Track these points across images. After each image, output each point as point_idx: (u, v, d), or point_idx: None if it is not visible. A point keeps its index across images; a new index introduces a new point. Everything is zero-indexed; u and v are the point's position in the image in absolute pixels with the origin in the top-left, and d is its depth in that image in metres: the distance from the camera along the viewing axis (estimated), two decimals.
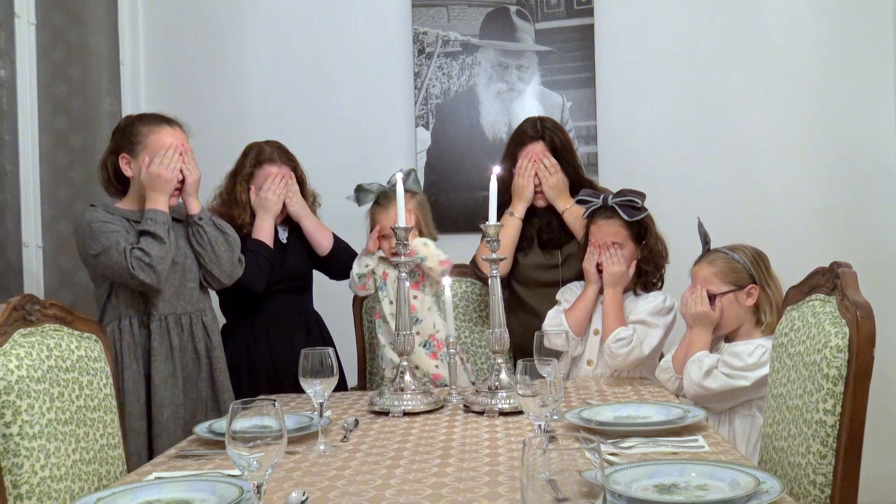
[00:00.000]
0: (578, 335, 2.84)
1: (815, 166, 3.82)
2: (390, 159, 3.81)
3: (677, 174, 3.84)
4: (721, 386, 2.49)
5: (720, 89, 3.84)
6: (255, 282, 2.98)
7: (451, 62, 3.88)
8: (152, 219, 2.63)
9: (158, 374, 2.64)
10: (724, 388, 2.49)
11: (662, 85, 3.86)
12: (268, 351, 3.07)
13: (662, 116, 3.86)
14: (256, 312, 3.09)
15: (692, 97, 3.85)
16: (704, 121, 3.84)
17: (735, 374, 2.49)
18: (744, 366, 2.48)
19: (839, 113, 3.80)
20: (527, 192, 3.08)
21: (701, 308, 2.61)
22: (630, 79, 3.86)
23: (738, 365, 2.49)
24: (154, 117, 2.75)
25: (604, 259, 2.81)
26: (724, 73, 3.84)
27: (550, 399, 1.76)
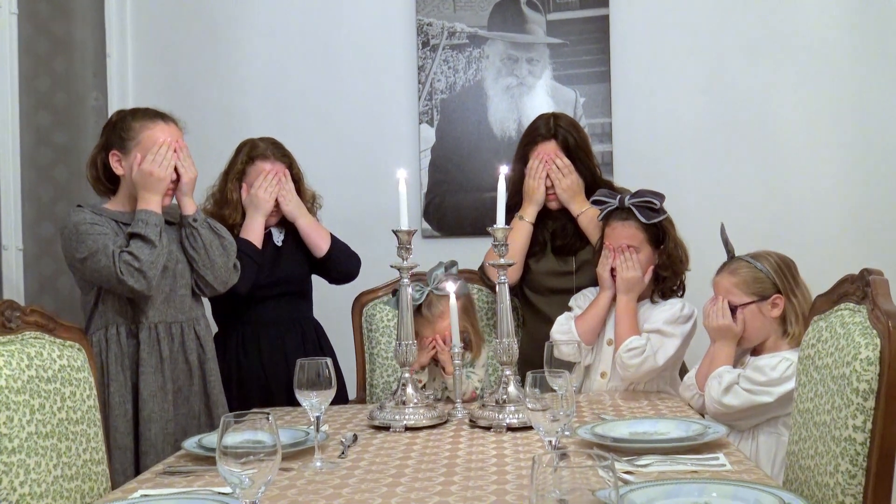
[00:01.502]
0: (588, 344, 2.83)
1: (847, 168, 3.80)
2: (392, 158, 3.82)
3: (699, 176, 3.83)
4: (742, 403, 2.49)
5: (745, 85, 3.83)
6: (239, 284, 2.97)
7: (458, 55, 3.88)
8: (143, 220, 2.62)
9: (147, 386, 2.64)
10: (745, 404, 2.49)
11: (683, 80, 3.85)
12: (258, 361, 3.06)
13: (683, 114, 3.85)
14: (248, 319, 3.10)
15: (715, 93, 3.84)
16: (728, 119, 3.83)
17: (757, 389, 2.48)
18: (767, 381, 2.48)
19: (873, 112, 3.77)
20: (537, 195, 3.08)
21: (722, 321, 2.60)
22: (648, 73, 3.86)
23: (761, 380, 2.48)
24: (147, 112, 2.75)
25: (617, 263, 2.80)
26: (749, 68, 3.83)
27: (562, 413, 1.76)
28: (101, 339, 2.65)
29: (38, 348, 2.03)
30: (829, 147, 3.81)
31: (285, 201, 3.12)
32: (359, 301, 3.32)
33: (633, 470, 1.85)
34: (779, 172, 3.82)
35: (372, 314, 3.28)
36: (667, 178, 3.67)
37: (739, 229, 2.81)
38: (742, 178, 3.82)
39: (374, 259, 3.24)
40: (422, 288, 2.81)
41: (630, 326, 2.77)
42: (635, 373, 2.73)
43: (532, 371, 1.81)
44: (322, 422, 2.09)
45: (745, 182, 3.82)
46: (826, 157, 3.81)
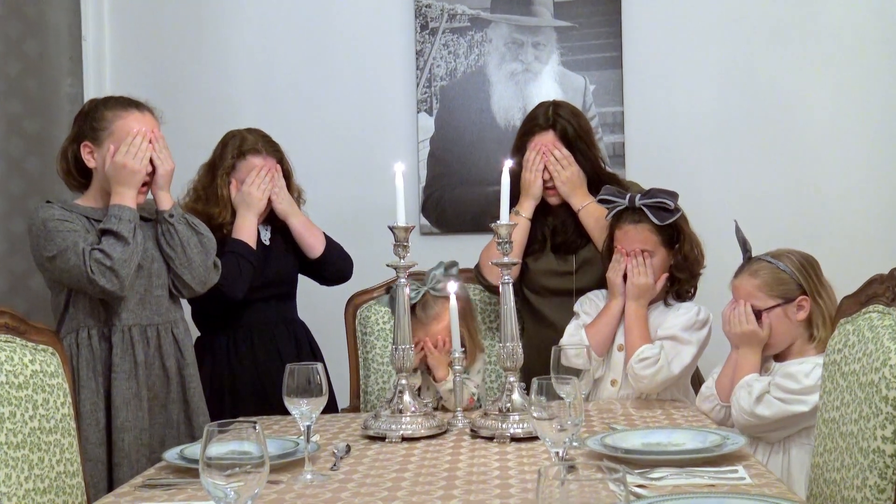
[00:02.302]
0: (601, 355, 2.83)
1: (875, 161, 3.79)
2: (388, 149, 3.82)
3: (717, 170, 3.83)
4: (775, 413, 2.48)
5: (768, 72, 3.82)
6: (236, 288, 2.98)
7: (459, 39, 3.88)
8: (116, 216, 2.62)
9: (120, 394, 2.64)
10: (779, 415, 2.48)
11: (701, 66, 3.85)
12: (253, 366, 3.07)
13: (700, 103, 3.85)
14: (236, 323, 3.10)
15: (735, 81, 3.84)
16: (750, 109, 3.83)
17: (791, 398, 2.47)
18: (801, 388, 2.47)
19: None
20: (534, 189, 3.07)
21: (747, 326, 2.60)
22: (663, 59, 3.86)
23: (794, 388, 2.47)
24: (121, 101, 2.76)
25: (629, 268, 2.79)
26: (772, 54, 3.82)
27: (569, 423, 1.76)
28: (72, 343, 2.65)
29: (8, 352, 2.03)
30: (856, 139, 3.81)
31: (278, 199, 3.12)
32: (352, 302, 3.32)
33: (645, 483, 1.85)
34: (803, 166, 3.81)
35: (366, 316, 3.28)
36: (682, 172, 3.68)
37: (760, 227, 2.82)
38: (764, 172, 3.82)
39: (368, 258, 3.23)
40: (418, 287, 2.82)
41: (641, 334, 2.77)
42: (649, 384, 2.73)
43: (538, 377, 1.81)
44: (313, 431, 2.09)
45: (767, 177, 3.82)
46: (854, 149, 3.81)
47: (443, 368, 2.83)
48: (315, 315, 3.32)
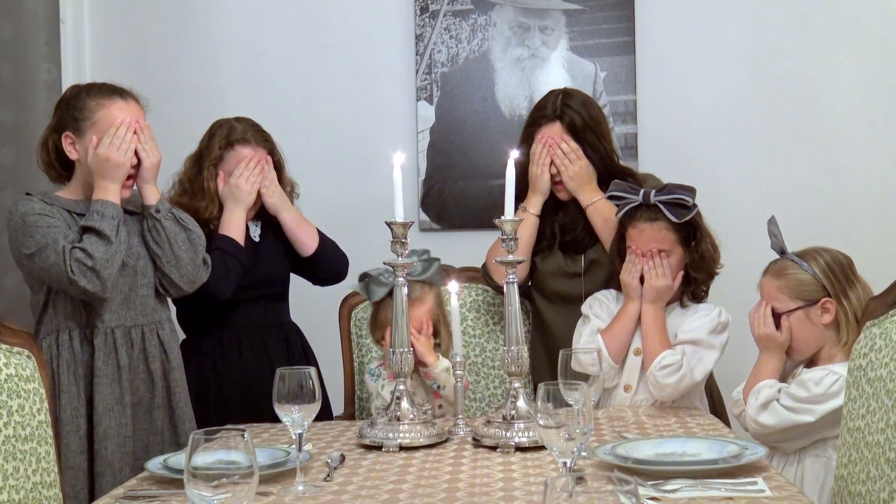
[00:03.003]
0: (618, 362, 2.82)
1: None
2: (386, 140, 3.82)
3: (738, 163, 3.82)
4: (779, 422, 2.49)
5: (793, 58, 3.81)
6: (223, 287, 2.97)
7: (461, 23, 3.88)
8: (98, 212, 2.62)
9: (102, 399, 2.64)
10: (782, 424, 2.49)
11: (719, 52, 3.84)
12: (240, 371, 3.07)
13: (719, 91, 3.84)
14: (223, 325, 3.10)
15: (757, 67, 3.83)
16: (772, 97, 3.82)
17: (798, 406, 2.48)
18: (808, 397, 2.48)
19: None
20: (541, 184, 3.07)
21: (764, 329, 2.61)
22: (679, 44, 3.85)
23: (802, 396, 2.48)
24: (104, 88, 2.76)
25: (646, 270, 2.79)
26: (798, 38, 3.81)
27: (578, 431, 1.76)
28: (52, 345, 2.65)
29: None
30: (887, 129, 3.80)
31: (268, 193, 3.12)
32: (347, 303, 3.32)
33: (659, 496, 1.85)
34: (830, 159, 3.81)
35: (362, 318, 3.29)
36: (700, 165, 3.68)
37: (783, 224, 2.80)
38: (787, 165, 3.81)
39: (364, 255, 3.23)
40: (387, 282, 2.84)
41: (660, 339, 2.77)
42: (673, 392, 2.73)
43: (545, 383, 1.81)
44: (305, 440, 2.09)
45: (791, 170, 3.81)
46: (884, 140, 3.80)
47: (430, 353, 2.83)
48: (308, 317, 3.32)
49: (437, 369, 2.81)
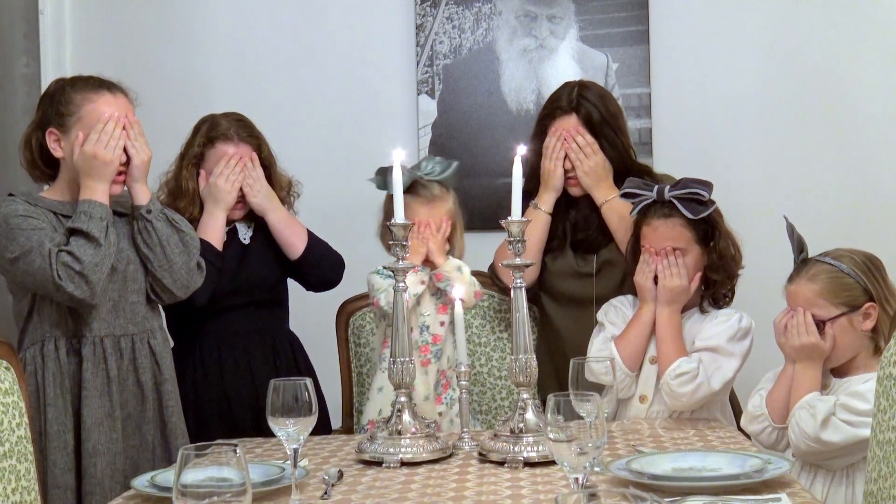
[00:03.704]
0: (633, 370, 2.82)
1: None
2: (385, 136, 3.81)
3: (758, 158, 3.82)
4: (844, 438, 2.44)
5: (817, 47, 3.80)
6: (197, 293, 2.96)
7: (464, 12, 3.89)
8: (86, 213, 2.62)
9: (91, 413, 2.63)
10: (849, 440, 2.44)
11: (739, 41, 3.84)
12: (219, 381, 3.07)
13: (738, 83, 3.84)
14: (203, 333, 3.11)
15: (779, 58, 3.82)
16: (795, 89, 3.81)
17: (859, 420, 2.42)
18: (870, 409, 2.44)
19: None
20: (554, 179, 3.09)
21: (808, 338, 2.57)
22: (696, 33, 3.85)
23: (863, 408, 2.43)
24: (91, 81, 2.75)
25: (659, 269, 2.79)
26: (822, 26, 3.80)
27: (590, 445, 1.76)
28: (37, 356, 2.65)
29: None
30: None
31: (252, 192, 3.12)
32: (344, 310, 3.32)
33: None
34: (856, 155, 3.80)
35: (360, 326, 3.29)
36: (718, 162, 3.67)
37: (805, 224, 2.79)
38: (811, 161, 3.81)
39: (362, 259, 3.24)
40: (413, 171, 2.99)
41: (676, 346, 2.77)
42: (688, 401, 2.73)
43: (555, 394, 1.82)
44: (300, 455, 2.09)
45: (815, 167, 3.80)
46: None
47: (441, 254, 2.95)
48: (303, 324, 3.32)
49: (448, 266, 2.92)
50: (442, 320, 2.96)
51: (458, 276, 2.91)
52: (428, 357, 2.93)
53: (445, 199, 3.01)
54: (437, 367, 2.93)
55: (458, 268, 2.93)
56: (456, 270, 2.93)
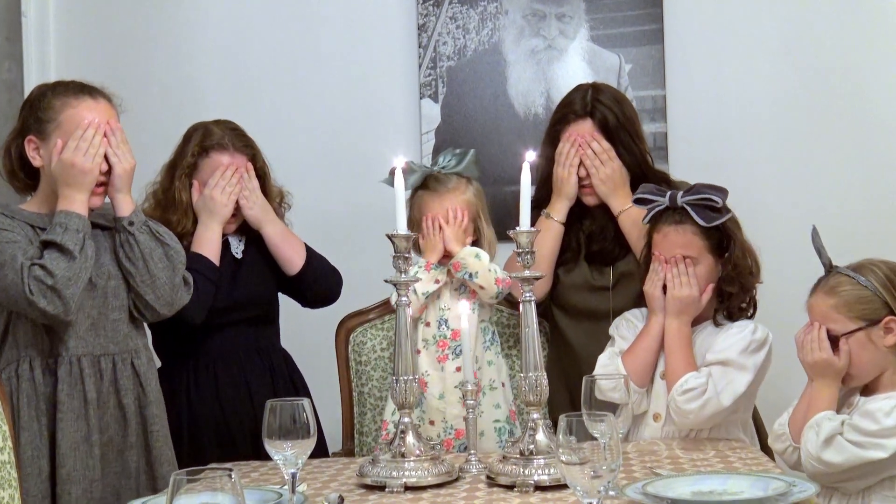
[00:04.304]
0: (642, 386, 2.82)
1: None
2: (386, 143, 3.81)
3: (778, 164, 3.81)
4: (847, 459, 2.45)
5: (839, 47, 3.80)
6: (194, 311, 2.96)
7: (469, 11, 3.89)
8: (62, 224, 2.62)
9: (66, 437, 2.63)
10: (851, 461, 2.45)
11: (757, 41, 3.84)
12: (216, 401, 3.07)
13: (757, 85, 3.84)
14: (197, 352, 3.10)
15: (799, 58, 3.82)
16: (817, 91, 3.81)
17: (867, 441, 2.44)
18: (879, 430, 2.45)
19: None
20: (568, 187, 3.09)
21: (820, 354, 2.58)
22: (712, 32, 3.85)
23: (871, 429, 2.45)
24: (71, 86, 2.76)
25: (668, 278, 2.79)
26: (845, 25, 3.80)
27: (605, 468, 1.76)
28: (12, 376, 2.65)
29: None
30: None
31: (248, 204, 3.12)
32: (344, 326, 3.32)
33: None
34: (882, 161, 3.79)
35: (361, 342, 3.29)
36: (736, 167, 3.67)
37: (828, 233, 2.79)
38: (834, 167, 3.80)
39: (361, 272, 3.24)
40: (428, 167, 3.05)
41: (684, 359, 2.77)
42: (696, 419, 2.72)
43: (567, 414, 1.81)
44: (299, 480, 2.09)
45: (838, 173, 3.80)
46: None
47: (456, 242, 2.98)
48: (300, 342, 3.32)
49: (464, 253, 2.93)
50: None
51: (475, 262, 2.93)
52: (446, 353, 2.95)
53: (461, 189, 3.03)
54: (455, 363, 2.93)
55: (476, 255, 2.95)
56: (473, 257, 2.95)
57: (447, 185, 3.03)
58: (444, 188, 3.02)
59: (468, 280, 2.95)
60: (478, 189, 3.10)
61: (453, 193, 3.02)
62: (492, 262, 2.99)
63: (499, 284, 2.96)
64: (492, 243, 3.08)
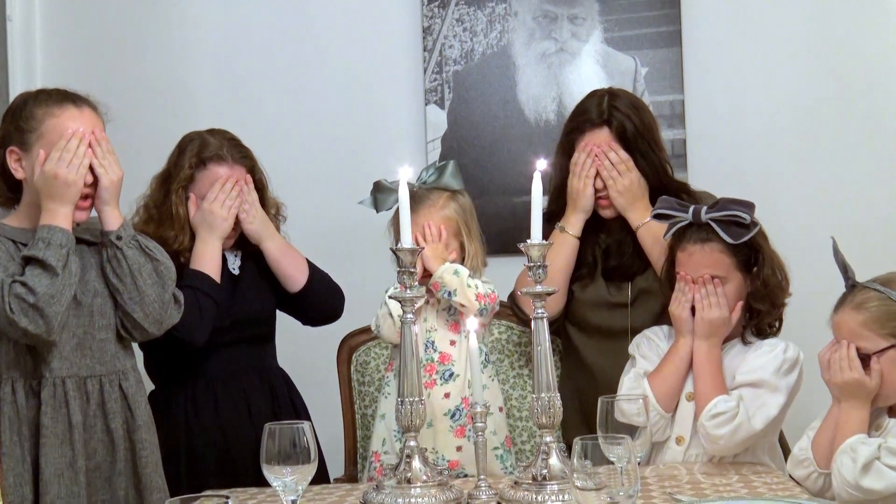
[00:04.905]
0: (669, 411, 2.81)
1: None
2: (389, 152, 3.82)
3: (804, 174, 3.82)
4: (888, 486, 2.43)
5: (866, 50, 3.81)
6: (196, 332, 2.97)
7: (476, 13, 3.90)
8: (44, 239, 2.61)
9: (50, 462, 2.62)
10: (892, 487, 2.43)
11: (782, 43, 3.85)
12: (216, 427, 3.07)
13: (782, 88, 3.84)
14: (196, 374, 3.10)
15: (824, 61, 3.83)
16: (842, 97, 3.82)
17: None
18: None
19: None
20: (583, 200, 3.08)
21: (851, 374, 2.57)
22: (733, 35, 3.86)
23: None
24: (55, 95, 2.76)
25: (697, 300, 2.78)
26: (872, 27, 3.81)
27: (622, 494, 1.76)
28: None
29: None
30: None
31: (248, 218, 3.12)
32: (346, 345, 3.32)
33: None
34: None
35: (365, 362, 3.29)
36: (757, 175, 3.68)
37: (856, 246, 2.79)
38: (860, 176, 3.81)
39: (365, 288, 3.24)
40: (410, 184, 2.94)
41: (714, 382, 2.76)
42: (727, 444, 2.72)
43: (582, 437, 1.81)
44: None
45: (865, 182, 3.81)
46: None
47: (434, 259, 2.92)
48: (300, 361, 3.32)
49: (441, 271, 2.88)
50: (453, 339, 2.94)
51: (452, 279, 2.87)
52: (433, 378, 2.92)
53: (438, 205, 2.99)
54: (444, 389, 2.91)
55: (455, 271, 2.89)
56: (451, 274, 2.88)
57: (423, 202, 2.98)
58: (419, 205, 2.96)
59: (449, 299, 2.90)
60: (462, 203, 3.05)
61: (430, 210, 2.98)
62: (476, 279, 2.94)
63: (481, 301, 2.89)
64: (478, 259, 3.03)
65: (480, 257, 3.03)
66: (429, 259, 2.90)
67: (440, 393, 2.91)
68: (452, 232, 3.00)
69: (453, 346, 2.93)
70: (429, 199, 2.99)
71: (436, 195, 3.00)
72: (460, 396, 2.89)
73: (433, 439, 2.87)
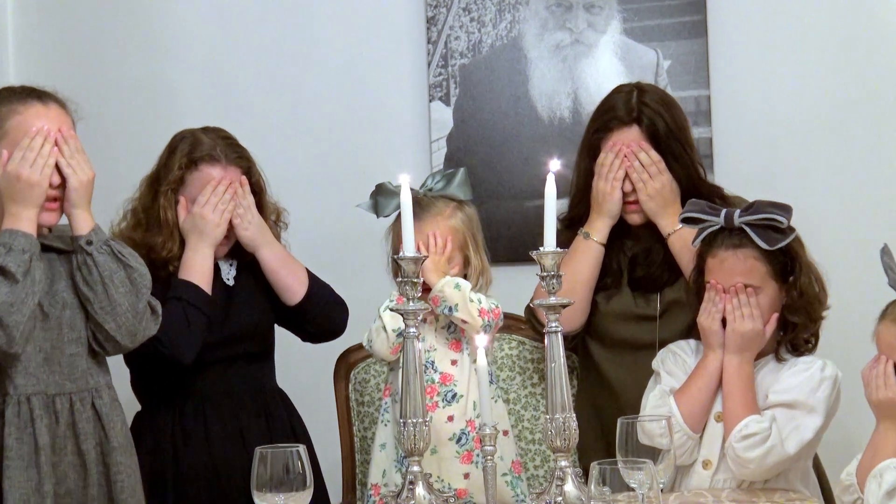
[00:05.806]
0: (697, 431, 2.80)
1: None
2: (391, 152, 3.83)
3: (841, 176, 3.80)
4: None
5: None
6: (184, 348, 2.97)
7: (484, 1, 3.90)
8: (4, 244, 2.61)
9: (14, 487, 2.61)
10: None
11: (815, 34, 3.84)
12: (205, 450, 3.07)
13: (815, 83, 3.84)
14: (185, 393, 3.10)
15: (861, 54, 3.81)
16: (882, 93, 3.81)
17: None
18: None
19: None
20: (611, 204, 3.08)
21: (885, 393, 2.57)
22: (762, 25, 3.85)
23: None
24: (19, 91, 2.77)
25: (728, 311, 2.78)
26: None
27: None
28: None
29: None
30: None
31: (243, 224, 3.12)
32: (344, 362, 3.32)
33: None
34: None
35: (364, 380, 3.29)
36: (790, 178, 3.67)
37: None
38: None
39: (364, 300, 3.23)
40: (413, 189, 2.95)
41: (745, 401, 2.75)
42: (757, 468, 2.71)
43: (600, 461, 1.81)
44: None
45: None
46: None
47: (435, 272, 2.90)
48: (295, 379, 3.32)
49: (442, 284, 2.86)
50: (454, 358, 2.94)
51: (453, 293, 2.85)
52: (435, 400, 2.90)
53: (445, 214, 2.97)
54: (447, 412, 2.90)
55: (456, 285, 2.86)
56: (452, 288, 2.86)
57: (429, 210, 2.97)
58: (425, 213, 2.95)
59: (449, 315, 2.88)
60: (469, 214, 3.04)
61: (435, 219, 2.96)
62: (479, 293, 2.93)
63: (484, 316, 2.86)
64: (483, 273, 3.01)
65: (487, 273, 3.02)
66: (428, 271, 2.86)
67: (443, 416, 2.89)
68: (458, 244, 2.98)
69: (455, 365, 2.92)
70: (435, 208, 2.98)
71: (442, 204, 2.99)
72: (465, 419, 2.88)
73: (438, 466, 2.86)
